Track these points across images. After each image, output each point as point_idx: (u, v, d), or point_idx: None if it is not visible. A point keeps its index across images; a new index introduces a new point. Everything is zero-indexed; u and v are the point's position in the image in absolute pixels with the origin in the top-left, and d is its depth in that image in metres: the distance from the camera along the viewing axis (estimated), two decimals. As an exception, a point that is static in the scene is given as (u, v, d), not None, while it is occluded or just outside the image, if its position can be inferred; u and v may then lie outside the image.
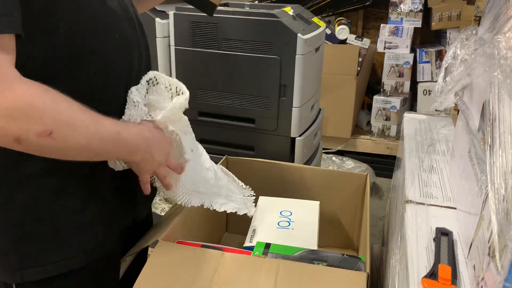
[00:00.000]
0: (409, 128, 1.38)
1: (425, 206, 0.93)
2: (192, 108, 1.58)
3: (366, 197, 1.17)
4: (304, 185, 1.28)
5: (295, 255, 0.93)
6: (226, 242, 1.32)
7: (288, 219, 1.12)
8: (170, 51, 1.55)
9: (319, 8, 2.83)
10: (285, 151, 1.54)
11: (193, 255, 0.87)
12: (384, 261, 1.21)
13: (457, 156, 1.00)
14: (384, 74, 2.72)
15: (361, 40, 2.69)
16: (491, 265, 0.59)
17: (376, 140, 2.83)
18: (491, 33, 0.80)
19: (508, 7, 0.75)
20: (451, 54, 0.95)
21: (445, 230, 0.82)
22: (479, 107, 0.80)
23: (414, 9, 2.62)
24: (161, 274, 0.82)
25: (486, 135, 0.67)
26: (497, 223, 0.54)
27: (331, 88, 2.64)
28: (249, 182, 1.20)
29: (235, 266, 0.84)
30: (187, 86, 0.87)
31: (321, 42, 1.63)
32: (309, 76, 1.53)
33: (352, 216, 1.30)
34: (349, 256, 0.92)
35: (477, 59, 0.79)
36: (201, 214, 1.14)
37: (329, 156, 2.71)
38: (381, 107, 2.76)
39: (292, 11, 1.52)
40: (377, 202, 2.54)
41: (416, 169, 1.09)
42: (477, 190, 0.74)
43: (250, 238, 1.04)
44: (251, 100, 1.51)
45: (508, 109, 0.61)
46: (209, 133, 1.60)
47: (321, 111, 1.82)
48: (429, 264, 0.74)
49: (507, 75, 0.62)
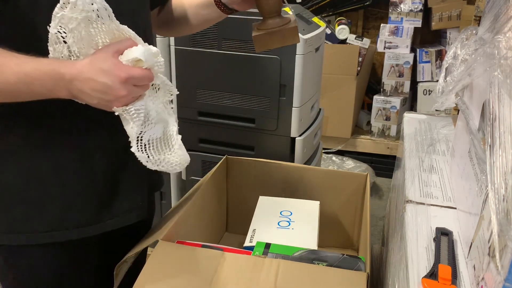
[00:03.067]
0: (409, 128, 1.38)
1: (425, 206, 0.93)
2: (192, 108, 1.58)
3: (366, 197, 1.17)
4: (304, 185, 1.28)
5: (295, 255, 0.93)
6: (226, 242, 1.32)
7: (288, 219, 1.12)
8: (170, 51, 1.55)
9: (319, 8, 2.83)
10: (285, 151, 1.54)
11: (193, 255, 0.87)
12: (384, 261, 1.21)
13: (457, 156, 1.00)
14: (384, 74, 2.72)
15: (361, 40, 2.69)
16: (491, 265, 0.59)
17: (376, 140, 2.83)
18: (491, 33, 0.80)
19: (508, 7, 0.75)
20: (452, 54, 0.95)
21: (445, 230, 0.82)
22: (479, 107, 0.80)
23: (414, 9, 2.62)
24: (161, 274, 0.82)
25: (486, 135, 0.67)
26: (497, 223, 0.54)
27: (331, 88, 2.64)
28: (249, 182, 1.20)
29: (235, 266, 0.84)
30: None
31: (321, 42, 1.63)
32: (309, 76, 1.53)
33: (352, 216, 1.30)
34: (349, 256, 0.92)
35: (477, 59, 0.79)
36: (201, 214, 1.14)
37: (329, 156, 2.71)
38: (381, 107, 2.76)
39: (292, 11, 1.52)
40: (377, 202, 2.54)
41: (416, 169, 1.09)
42: (477, 190, 0.74)
43: (250, 238, 1.04)
44: (251, 100, 1.51)
45: (508, 109, 0.61)
46: (209, 133, 1.60)
47: (321, 111, 1.82)
48: (429, 264, 0.74)
49: (507, 75, 0.62)
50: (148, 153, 0.80)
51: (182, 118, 1.61)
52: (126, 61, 0.72)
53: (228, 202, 1.36)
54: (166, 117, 0.86)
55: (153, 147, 0.81)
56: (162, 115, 0.85)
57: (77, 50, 0.74)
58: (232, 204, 1.36)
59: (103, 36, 0.74)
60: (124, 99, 0.73)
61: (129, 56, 0.73)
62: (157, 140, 0.83)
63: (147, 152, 0.80)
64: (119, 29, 0.74)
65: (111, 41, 0.74)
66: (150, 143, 0.81)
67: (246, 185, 1.31)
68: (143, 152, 0.79)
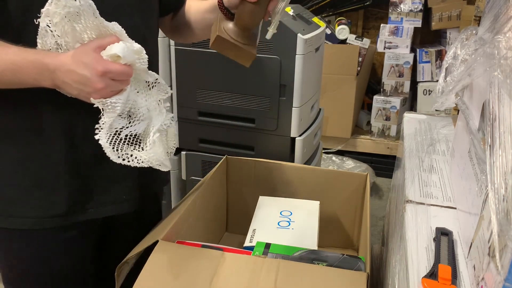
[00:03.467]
0: (409, 128, 1.38)
1: (425, 206, 0.93)
2: (192, 108, 1.58)
3: (366, 197, 1.17)
4: (304, 185, 1.28)
5: (295, 255, 0.93)
6: (226, 242, 1.32)
7: (288, 219, 1.12)
8: (170, 51, 1.55)
9: (319, 8, 2.83)
10: (285, 151, 1.54)
11: (193, 255, 0.87)
12: (384, 261, 1.21)
13: (457, 156, 1.00)
14: (384, 74, 2.72)
15: (361, 40, 2.69)
16: (491, 265, 0.59)
17: (376, 140, 2.83)
18: (491, 33, 0.80)
19: (508, 7, 0.75)
20: (452, 54, 0.95)
21: (445, 230, 0.82)
22: (479, 107, 0.80)
23: (414, 9, 2.62)
24: (161, 274, 0.82)
25: (486, 135, 0.67)
26: (497, 223, 0.54)
27: (331, 88, 2.64)
28: (249, 182, 1.20)
29: (235, 266, 0.84)
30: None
31: (321, 42, 1.63)
32: (309, 76, 1.53)
33: (352, 216, 1.30)
34: (349, 256, 0.92)
35: (477, 59, 0.79)
36: (201, 214, 1.14)
37: (329, 156, 2.71)
38: (381, 107, 2.76)
39: (292, 11, 1.52)
40: (377, 202, 2.54)
41: (416, 169, 1.09)
42: (477, 190, 0.74)
43: (250, 238, 1.04)
44: (251, 100, 1.51)
45: (508, 109, 0.61)
46: (209, 133, 1.60)
47: (321, 111, 1.82)
48: (429, 264, 0.74)
49: (507, 75, 0.62)
50: (117, 146, 0.82)
51: (182, 118, 1.61)
52: (106, 56, 0.76)
53: (228, 202, 1.36)
54: (155, 116, 0.88)
55: (127, 142, 0.83)
56: (153, 113, 0.87)
57: (64, 44, 0.78)
58: (232, 204, 1.36)
59: (89, 32, 0.77)
60: (102, 92, 0.76)
61: (109, 52, 0.76)
62: (134, 136, 0.85)
63: (116, 145, 0.82)
64: (104, 25, 0.77)
65: (97, 37, 0.78)
66: (127, 137, 0.83)
67: (246, 185, 1.31)
68: (110, 143, 0.81)
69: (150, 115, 0.86)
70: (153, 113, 0.87)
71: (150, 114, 0.86)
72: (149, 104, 0.86)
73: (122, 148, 0.83)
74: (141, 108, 0.84)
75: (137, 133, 0.85)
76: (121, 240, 1.05)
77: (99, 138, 0.80)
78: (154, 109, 0.88)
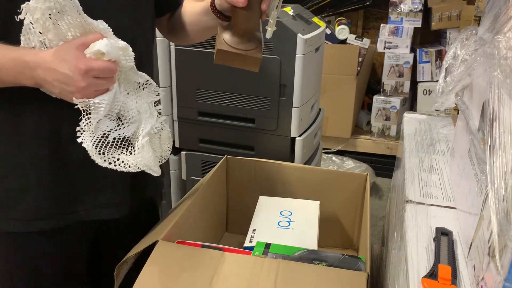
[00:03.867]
0: (409, 128, 1.38)
1: (425, 206, 0.93)
2: (192, 108, 1.58)
3: (366, 197, 1.17)
4: (304, 185, 1.28)
5: (295, 255, 0.93)
6: (226, 242, 1.32)
7: (288, 219, 1.12)
8: (170, 51, 1.55)
9: (319, 8, 2.83)
10: (285, 151, 1.54)
11: (193, 255, 0.87)
12: (384, 261, 1.21)
13: (457, 156, 1.00)
14: (384, 74, 2.72)
15: (361, 40, 2.69)
16: (491, 265, 0.59)
17: (376, 140, 2.83)
18: (491, 33, 0.80)
19: (508, 7, 0.75)
20: (451, 54, 0.95)
21: (445, 230, 0.82)
22: (479, 107, 0.80)
23: (414, 9, 2.62)
24: (161, 274, 0.82)
25: (486, 135, 0.67)
26: (497, 223, 0.54)
27: (331, 88, 2.64)
28: (249, 182, 1.20)
29: (235, 266, 0.84)
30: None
31: (321, 42, 1.63)
32: (309, 76, 1.53)
33: (352, 216, 1.30)
34: (349, 256, 0.92)
35: (477, 59, 0.79)
36: (201, 214, 1.14)
37: (329, 156, 2.71)
38: (381, 107, 2.76)
39: (292, 11, 1.52)
40: (377, 202, 2.54)
41: (416, 169, 1.09)
42: (477, 190, 0.74)
43: (250, 238, 1.04)
44: (251, 100, 1.51)
45: (508, 109, 0.61)
46: (209, 133, 1.60)
47: (321, 111, 1.82)
48: (429, 264, 0.74)
49: (507, 75, 0.62)
50: (103, 149, 0.79)
51: (182, 118, 1.61)
52: (90, 53, 0.74)
53: (228, 202, 1.36)
54: (145, 118, 0.85)
55: (115, 145, 0.81)
56: (143, 115, 0.85)
57: (47, 42, 0.75)
58: (232, 204, 1.36)
59: (73, 30, 0.75)
60: (84, 91, 0.74)
61: (92, 49, 0.74)
62: (123, 139, 0.82)
63: (103, 148, 0.79)
64: (88, 23, 0.75)
65: (81, 34, 0.76)
66: (115, 140, 0.81)
67: (246, 185, 1.31)
68: (96, 147, 0.79)
69: (140, 118, 0.84)
70: (144, 116, 0.85)
71: (140, 116, 0.84)
72: (140, 106, 0.84)
73: (109, 151, 0.80)
74: (131, 110, 0.82)
75: (126, 136, 0.82)
76: (117, 244, 1.03)
77: (82, 141, 0.77)
78: (145, 111, 0.85)
